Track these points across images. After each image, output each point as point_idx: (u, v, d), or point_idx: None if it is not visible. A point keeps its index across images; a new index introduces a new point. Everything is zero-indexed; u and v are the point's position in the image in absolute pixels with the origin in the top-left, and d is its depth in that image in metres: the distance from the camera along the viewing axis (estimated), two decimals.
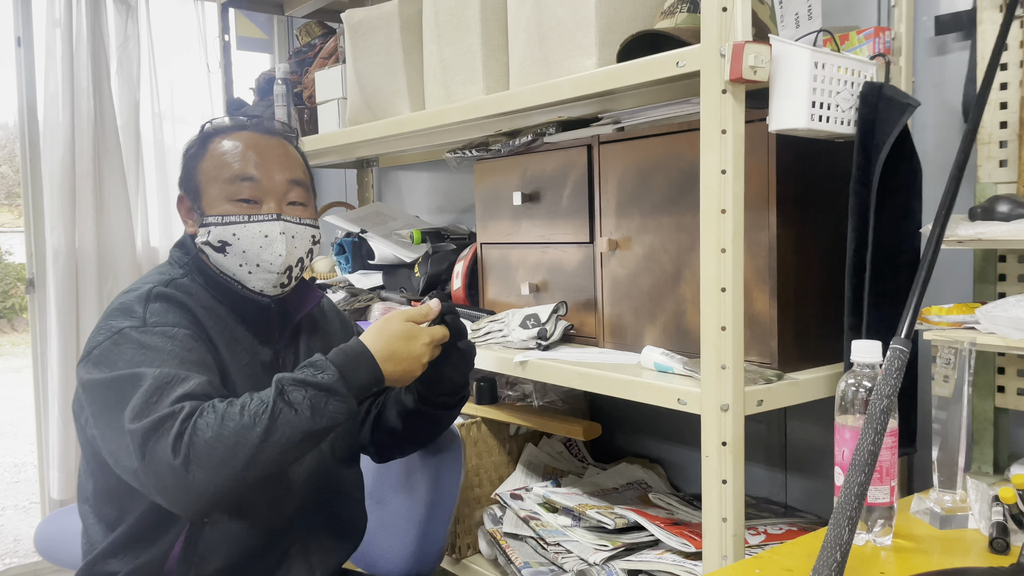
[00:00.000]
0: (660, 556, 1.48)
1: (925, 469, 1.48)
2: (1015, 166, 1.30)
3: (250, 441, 1.03)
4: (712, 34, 1.13)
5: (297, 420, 1.06)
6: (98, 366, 1.13)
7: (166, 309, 1.18)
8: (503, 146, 1.75)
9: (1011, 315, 1.14)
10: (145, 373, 1.08)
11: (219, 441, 1.02)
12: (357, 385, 1.13)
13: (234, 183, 1.25)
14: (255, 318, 1.29)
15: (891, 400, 0.96)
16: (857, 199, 1.24)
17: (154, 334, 1.14)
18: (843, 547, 0.87)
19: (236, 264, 1.26)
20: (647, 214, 1.48)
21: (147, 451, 1.02)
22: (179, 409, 1.04)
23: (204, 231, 1.26)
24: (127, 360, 1.11)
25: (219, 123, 1.32)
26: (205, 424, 1.03)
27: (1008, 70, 1.31)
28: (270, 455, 1.05)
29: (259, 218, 1.25)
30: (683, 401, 1.23)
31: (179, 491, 1.03)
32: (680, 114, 1.40)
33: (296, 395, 1.07)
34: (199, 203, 1.28)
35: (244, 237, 1.25)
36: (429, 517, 1.51)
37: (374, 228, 2.35)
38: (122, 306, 1.19)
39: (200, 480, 1.02)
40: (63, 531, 1.73)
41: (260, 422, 1.04)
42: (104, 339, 1.15)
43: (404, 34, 1.89)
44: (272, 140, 1.31)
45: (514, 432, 1.93)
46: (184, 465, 1.01)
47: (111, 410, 1.08)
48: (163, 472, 1.02)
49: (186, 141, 1.34)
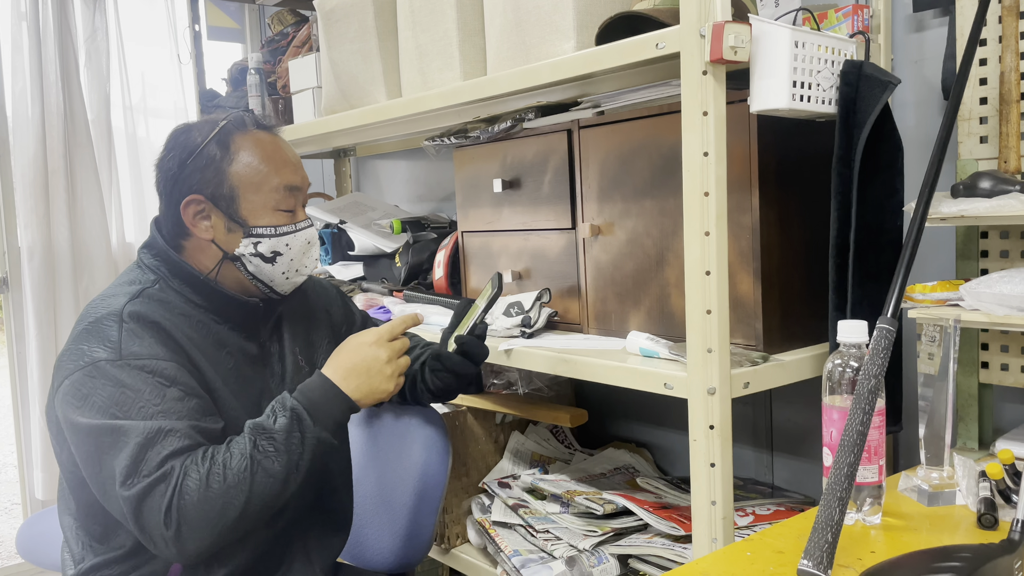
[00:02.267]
0: (650, 540, 1.48)
1: (911, 447, 1.48)
2: (995, 142, 1.30)
3: (237, 501, 1.08)
4: (691, 15, 1.12)
5: (275, 468, 1.11)
6: (78, 404, 1.11)
7: (141, 332, 1.14)
8: (482, 133, 1.74)
9: (994, 291, 1.15)
10: (128, 429, 1.08)
11: (207, 505, 1.07)
12: (324, 415, 1.16)
13: (280, 192, 1.24)
14: (240, 316, 1.27)
15: (879, 380, 0.96)
16: (839, 178, 1.24)
17: (131, 369, 1.11)
18: (834, 528, 0.87)
19: (280, 272, 1.26)
20: (629, 198, 1.47)
21: (140, 518, 1.07)
22: (167, 473, 1.07)
23: (250, 242, 1.23)
24: (106, 401, 1.10)
25: (236, 120, 1.25)
26: (192, 488, 1.07)
27: (987, 46, 1.30)
28: (256, 506, 1.10)
29: (302, 226, 1.27)
30: (669, 386, 1.22)
31: (174, 554, 1.09)
32: (660, 96, 1.39)
33: (267, 446, 1.11)
34: (235, 210, 1.22)
35: (294, 246, 1.26)
36: (417, 507, 1.50)
37: (353, 219, 2.32)
38: (95, 326, 1.15)
39: (191, 543, 1.08)
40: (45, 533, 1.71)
41: (243, 480, 1.09)
42: (77, 369, 1.12)
43: (378, 20, 1.87)
44: (285, 142, 1.30)
45: (500, 420, 1.92)
46: (176, 534, 1.07)
47: (96, 461, 1.10)
48: (156, 537, 1.07)
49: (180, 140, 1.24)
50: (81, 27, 2.69)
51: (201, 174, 1.21)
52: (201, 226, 1.23)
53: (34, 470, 2.67)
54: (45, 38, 2.58)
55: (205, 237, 1.23)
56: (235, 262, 1.24)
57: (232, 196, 1.22)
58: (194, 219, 1.23)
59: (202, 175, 1.21)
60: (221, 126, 1.23)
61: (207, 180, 1.21)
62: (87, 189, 2.67)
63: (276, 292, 1.28)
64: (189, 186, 1.22)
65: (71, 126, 2.63)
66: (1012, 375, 1.33)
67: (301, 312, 1.39)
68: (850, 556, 0.93)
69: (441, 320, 1.77)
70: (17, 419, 2.70)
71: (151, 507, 1.06)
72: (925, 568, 0.81)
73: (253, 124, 1.26)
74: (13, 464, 4.24)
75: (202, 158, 1.22)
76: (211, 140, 1.22)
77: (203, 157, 1.22)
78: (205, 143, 1.22)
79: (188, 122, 1.29)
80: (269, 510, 1.13)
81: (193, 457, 1.09)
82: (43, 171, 2.59)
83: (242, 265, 1.24)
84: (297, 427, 1.13)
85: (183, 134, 1.25)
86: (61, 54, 2.60)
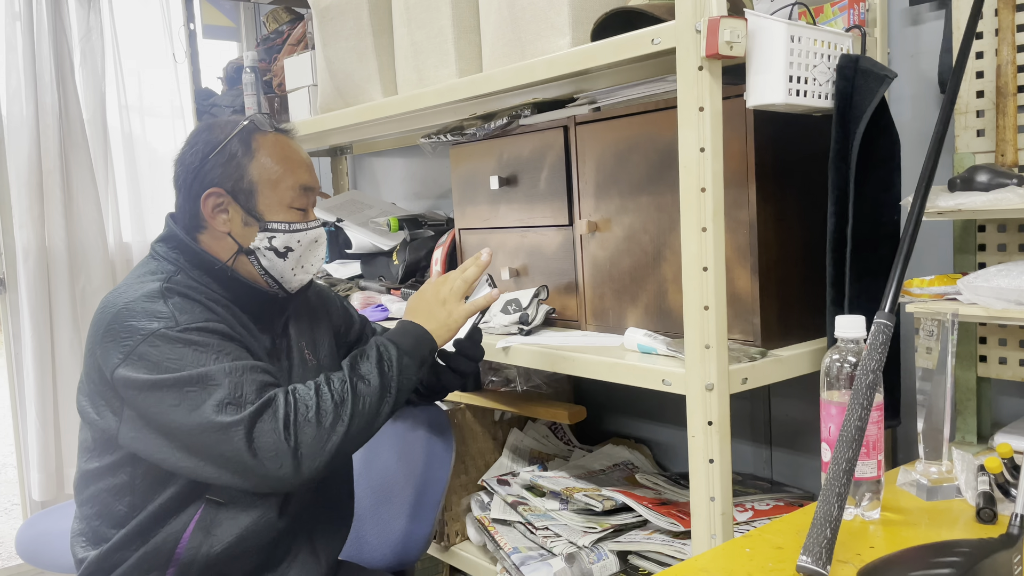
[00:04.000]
0: (649, 536, 1.48)
1: (909, 441, 1.48)
2: (992, 135, 1.30)
3: (344, 416, 1.16)
4: (687, 10, 1.12)
5: (371, 389, 1.19)
6: (150, 370, 1.14)
7: (187, 305, 1.19)
8: (478, 130, 1.73)
9: (992, 285, 1.14)
10: (212, 371, 1.13)
11: (322, 418, 1.14)
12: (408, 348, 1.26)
13: (296, 190, 1.29)
14: (257, 307, 1.31)
15: (877, 375, 0.96)
16: (836, 173, 1.24)
17: (193, 331, 1.16)
18: (833, 524, 0.87)
19: (290, 267, 1.31)
20: (626, 195, 1.47)
21: (254, 441, 1.11)
22: (271, 399, 1.14)
23: (265, 236, 1.28)
24: (179, 360, 1.14)
25: (257, 121, 1.30)
26: (305, 405, 1.14)
27: (983, 39, 1.30)
28: (358, 426, 1.17)
29: (313, 224, 1.33)
30: (667, 382, 1.22)
31: (290, 472, 1.12)
32: (656, 92, 1.39)
33: (364, 370, 1.20)
34: (252, 205, 1.27)
35: (304, 243, 1.31)
36: (418, 503, 1.50)
37: (350, 217, 2.32)
38: (135, 306, 1.17)
39: (308, 460, 1.13)
40: (45, 534, 1.71)
41: (347, 398, 1.17)
42: (138, 344, 1.14)
43: (373, 18, 1.86)
44: (299, 145, 1.35)
45: (499, 418, 1.92)
46: (295, 449, 1.12)
47: (184, 412, 1.13)
48: (271, 458, 1.12)
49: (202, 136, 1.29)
50: (76, 26, 2.68)
51: (223, 169, 1.27)
52: (219, 219, 1.28)
53: (31, 471, 2.66)
54: (40, 37, 2.57)
55: (222, 229, 1.28)
56: (249, 256, 1.29)
57: (251, 191, 1.27)
58: (213, 211, 1.27)
59: (223, 170, 1.27)
60: (243, 125, 1.29)
61: (228, 175, 1.27)
62: (83, 189, 2.66)
63: (284, 289, 1.33)
64: (210, 180, 1.27)
65: (66, 126, 2.63)
66: (1010, 368, 1.33)
67: (305, 310, 1.43)
68: (849, 551, 0.93)
69: None
70: (15, 420, 2.69)
71: (265, 428, 1.11)
72: (924, 563, 0.81)
73: (271, 126, 1.32)
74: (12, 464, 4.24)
75: (224, 154, 1.27)
76: (233, 137, 1.28)
77: (225, 153, 1.27)
78: (227, 140, 1.28)
79: (209, 121, 1.35)
80: (367, 434, 1.20)
81: (297, 385, 1.17)
82: (38, 171, 2.59)
83: (255, 259, 1.29)
84: (386, 353, 1.23)
85: (205, 131, 1.30)
86: (56, 53, 2.59)
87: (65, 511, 1.66)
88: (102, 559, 1.24)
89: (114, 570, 1.23)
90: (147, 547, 1.22)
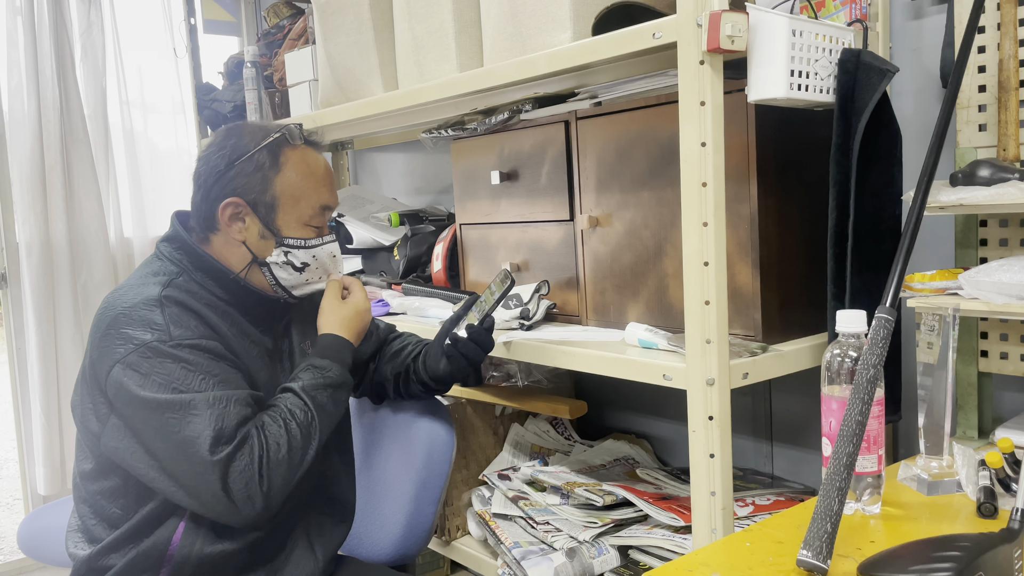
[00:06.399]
0: (649, 531, 1.48)
1: (910, 436, 1.48)
2: (994, 130, 1.29)
3: (308, 452, 1.20)
4: (688, 4, 1.11)
5: (327, 418, 1.24)
6: (139, 382, 1.14)
7: (183, 316, 1.19)
8: (479, 124, 1.73)
9: (993, 280, 1.14)
10: (195, 402, 1.13)
11: (293, 456, 1.18)
12: (347, 366, 1.30)
13: (315, 209, 1.31)
14: (260, 311, 1.31)
15: (878, 370, 0.96)
16: (838, 167, 1.24)
17: (184, 347, 1.16)
18: (833, 518, 0.87)
19: (305, 279, 1.32)
20: (627, 190, 1.47)
21: (227, 482, 1.12)
22: (246, 437, 1.15)
23: (281, 251, 1.29)
24: (166, 377, 1.14)
25: (289, 132, 1.30)
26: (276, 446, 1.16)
27: (986, 33, 1.30)
28: (312, 455, 1.21)
29: (328, 239, 1.35)
30: (668, 377, 1.22)
31: (259, 511, 1.15)
32: (658, 87, 1.38)
33: (322, 397, 1.24)
34: (272, 219, 1.27)
35: (320, 257, 1.33)
36: (418, 498, 1.50)
37: (351, 212, 2.32)
38: (133, 313, 1.17)
39: (277, 498, 1.16)
40: (47, 528, 1.71)
41: (312, 431, 1.20)
42: (129, 352, 1.15)
43: (374, 12, 1.86)
44: (326, 160, 1.35)
45: (500, 413, 1.92)
46: (267, 492, 1.15)
47: (164, 435, 1.14)
48: (243, 499, 1.13)
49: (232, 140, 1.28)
50: (76, 22, 2.68)
51: (248, 178, 1.26)
52: (235, 227, 1.28)
53: (36, 466, 2.67)
54: (40, 33, 2.57)
55: (237, 238, 1.28)
56: (263, 267, 1.29)
57: (272, 205, 1.27)
58: (229, 220, 1.27)
59: (248, 180, 1.26)
60: (275, 137, 1.28)
61: (252, 186, 1.26)
62: (84, 184, 2.66)
63: (293, 297, 1.34)
64: (233, 187, 1.26)
65: (67, 121, 2.63)
66: (1012, 363, 1.33)
67: (308, 312, 1.42)
68: (850, 546, 0.93)
69: (440, 313, 1.77)
70: (17, 415, 2.70)
71: (237, 470, 1.13)
72: (925, 558, 0.81)
73: (302, 139, 1.32)
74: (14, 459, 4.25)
75: (251, 163, 1.26)
76: (263, 147, 1.27)
77: (252, 162, 1.26)
78: (257, 149, 1.27)
79: (240, 123, 1.35)
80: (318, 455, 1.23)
81: (265, 419, 1.18)
82: (40, 166, 2.59)
83: (269, 271, 1.30)
84: (343, 379, 1.28)
85: (235, 135, 1.29)
86: (57, 49, 2.59)
87: (67, 506, 1.66)
88: (93, 559, 1.24)
89: (107, 571, 1.23)
90: (140, 548, 1.22)
